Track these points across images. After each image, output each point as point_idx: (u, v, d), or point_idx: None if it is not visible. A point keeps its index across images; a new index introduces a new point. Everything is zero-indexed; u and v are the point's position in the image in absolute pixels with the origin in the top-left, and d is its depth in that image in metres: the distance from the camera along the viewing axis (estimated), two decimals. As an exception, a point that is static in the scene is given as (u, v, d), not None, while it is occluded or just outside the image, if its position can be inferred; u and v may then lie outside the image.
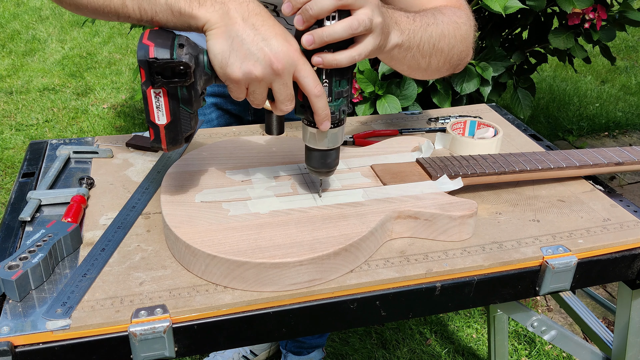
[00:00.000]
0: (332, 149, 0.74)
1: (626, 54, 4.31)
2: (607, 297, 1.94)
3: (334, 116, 0.70)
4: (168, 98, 0.66)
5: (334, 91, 0.69)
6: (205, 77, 0.67)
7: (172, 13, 0.66)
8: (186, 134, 0.70)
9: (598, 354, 0.97)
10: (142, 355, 0.63)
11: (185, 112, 0.67)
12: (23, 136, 2.89)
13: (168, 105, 0.66)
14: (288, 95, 0.67)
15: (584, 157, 0.91)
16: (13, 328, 0.61)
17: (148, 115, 0.67)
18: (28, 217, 0.77)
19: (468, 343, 1.78)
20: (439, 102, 1.83)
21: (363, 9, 0.65)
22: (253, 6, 0.65)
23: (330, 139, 0.72)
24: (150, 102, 0.66)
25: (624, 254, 0.78)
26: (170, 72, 0.63)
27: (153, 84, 0.64)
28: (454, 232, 0.76)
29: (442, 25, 0.82)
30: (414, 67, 0.82)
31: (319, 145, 0.73)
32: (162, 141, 0.69)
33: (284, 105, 0.68)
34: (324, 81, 0.68)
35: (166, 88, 0.65)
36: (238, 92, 0.67)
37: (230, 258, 0.65)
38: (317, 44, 0.64)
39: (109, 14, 0.71)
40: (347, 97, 0.71)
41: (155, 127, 0.67)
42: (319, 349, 1.64)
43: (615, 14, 1.89)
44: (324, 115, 0.69)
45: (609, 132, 3.13)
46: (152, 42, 0.63)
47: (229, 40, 0.64)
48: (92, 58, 3.91)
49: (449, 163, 0.86)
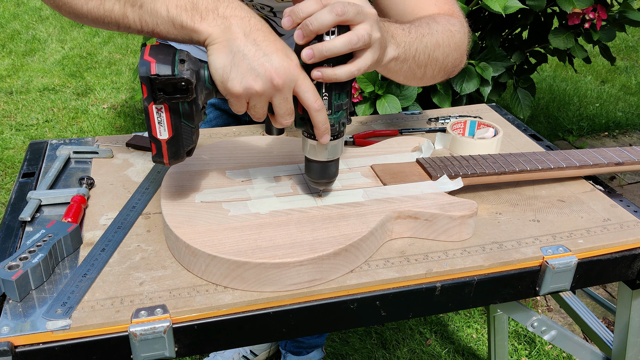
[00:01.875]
0: (331, 161, 0.75)
1: (626, 54, 4.31)
2: (607, 297, 1.94)
3: (333, 129, 0.71)
4: (170, 113, 0.66)
5: (333, 104, 0.70)
6: (207, 91, 0.68)
7: (173, 26, 0.66)
8: (187, 148, 0.70)
9: (598, 354, 0.97)
10: (142, 356, 0.63)
11: (186, 126, 0.68)
12: (23, 136, 2.90)
13: (170, 121, 0.66)
14: (288, 110, 0.68)
15: (584, 157, 0.91)
16: (13, 328, 0.61)
17: (150, 131, 0.67)
18: (28, 217, 0.77)
19: (468, 343, 1.78)
20: (439, 102, 1.84)
21: (362, 24, 0.65)
22: (254, 22, 0.65)
23: (330, 151, 0.73)
24: (152, 117, 0.66)
25: (624, 254, 0.79)
26: (172, 88, 0.64)
27: (155, 100, 0.64)
28: (454, 232, 0.76)
29: (437, 34, 0.82)
30: (410, 77, 0.83)
31: (319, 157, 0.74)
32: (164, 156, 0.69)
33: (284, 119, 0.69)
34: (323, 95, 0.69)
35: (168, 104, 0.65)
36: (239, 106, 0.67)
37: (231, 258, 0.65)
38: (317, 58, 0.65)
39: (109, 24, 0.71)
40: (346, 110, 0.72)
41: (157, 142, 0.68)
42: (318, 349, 1.64)
43: (615, 14, 1.90)
44: (323, 128, 0.69)
45: (609, 132, 3.13)
46: (153, 59, 0.63)
47: (230, 55, 0.64)
48: (92, 58, 3.91)
49: (449, 163, 0.86)
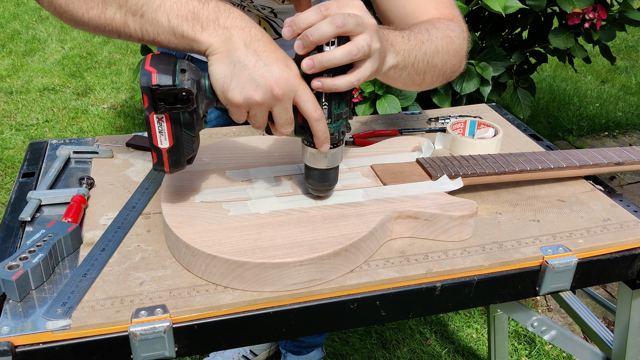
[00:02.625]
0: (331, 169, 0.75)
1: (626, 54, 4.31)
2: (607, 297, 1.94)
3: (333, 137, 0.71)
4: (171, 123, 0.66)
5: (333, 113, 0.70)
6: (207, 100, 0.68)
7: (174, 35, 0.66)
8: (188, 157, 0.71)
9: (598, 354, 0.97)
10: (142, 355, 0.63)
11: (187, 135, 0.68)
12: (23, 136, 2.90)
13: (171, 130, 0.67)
14: (288, 119, 0.68)
15: (584, 157, 0.91)
16: (13, 328, 0.61)
17: (151, 140, 0.67)
18: (28, 217, 0.77)
19: (468, 343, 1.78)
20: (439, 102, 1.84)
21: (362, 35, 0.65)
22: (255, 32, 0.66)
23: (329, 159, 0.73)
24: (153, 127, 0.66)
25: (624, 254, 0.79)
26: (172, 98, 0.64)
27: (156, 110, 0.65)
28: (454, 232, 0.76)
29: (436, 41, 0.82)
30: (409, 83, 0.83)
31: (319, 165, 0.74)
32: (165, 164, 0.69)
33: (284, 128, 0.69)
34: (323, 104, 0.69)
35: (169, 113, 0.65)
36: (239, 115, 0.68)
37: (231, 258, 0.65)
38: (317, 68, 0.65)
39: (110, 32, 0.71)
40: (345, 118, 0.72)
41: (158, 151, 0.68)
42: (318, 348, 1.64)
43: (615, 14, 1.90)
44: (323, 137, 0.70)
45: (609, 132, 3.13)
46: (154, 69, 0.63)
47: (231, 65, 0.64)
48: (92, 58, 3.91)
49: (449, 163, 0.86)
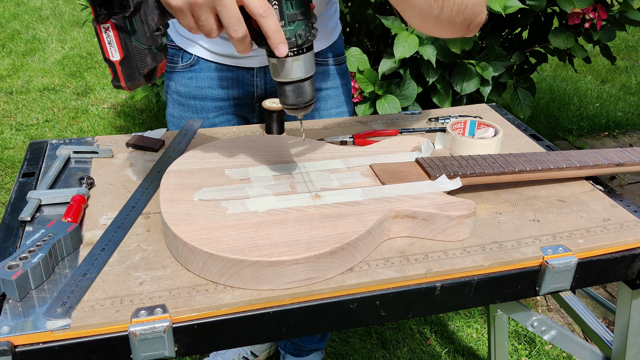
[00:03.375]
0: (300, 80, 0.71)
1: (626, 54, 4.31)
2: (607, 297, 1.94)
3: (291, 42, 0.67)
4: (117, 32, 0.66)
5: (285, 13, 0.66)
6: (157, 11, 0.67)
7: None
8: (143, 70, 0.69)
9: (598, 354, 0.97)
10: (142, 355, 0.63)
11: (138, 47, 0.67)
12: (23, 136, 2.90)
13: (118, 40, 0.67)
14: (233, 18, 0.64)
15: (584, 157, 0.91)
16: (13, 328, 0.61)
17: (103, 54, 0.67)
18: (28, 217, 0.77)
19: (468, 343, 1.78)
20: (439, 102, 1.84)
21: None
22: None
23: (295, 68, 0.69)
24: (102, 38, 0.67)
25: (624, 254, 0.78)
26: (110, 3, 0.64)
27: (97, 19, 0.65)
28: (452, 232, 0.76)
29: None
30: (426, 12, 0.79)
31: (285, 77, 0.70)
32: (120, 79, 0.69)
33: (232, 29, 0.65)
34: (273, 3, 0.66)
35: (112, 21, 0.65)
36: (186, 20, 0.66)
37: (227, 256, 0.65)
38: None
39: None
40: (304, 21, 0.68)
41: (112, 65, 0.68)
42: (318, 352, 1.63)
43: (615, 14, 1.90)
44: (275, 37, 0.66)
45: (609, 132, 3.13)
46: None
47: None
48: (92, 58, 3.92)
49: (448, 163, 0.86)
